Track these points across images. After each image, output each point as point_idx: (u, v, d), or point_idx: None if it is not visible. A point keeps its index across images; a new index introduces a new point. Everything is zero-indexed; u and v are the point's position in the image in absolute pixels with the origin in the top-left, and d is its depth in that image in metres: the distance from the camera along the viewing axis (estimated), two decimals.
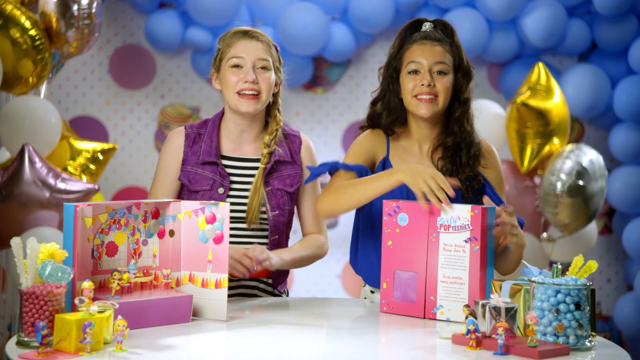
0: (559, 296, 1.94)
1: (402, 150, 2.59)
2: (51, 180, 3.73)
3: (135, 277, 2.18)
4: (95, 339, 1.83)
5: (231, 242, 2.59)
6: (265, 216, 2.61)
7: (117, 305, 1.93)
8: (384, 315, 2.33)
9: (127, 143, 5.05)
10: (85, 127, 4.95)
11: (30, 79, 3.82)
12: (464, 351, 1.93)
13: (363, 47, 5.09)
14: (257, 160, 2.64)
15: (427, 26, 2.58)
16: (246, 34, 2.62)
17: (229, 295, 2.58)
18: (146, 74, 5.08)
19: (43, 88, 4.07)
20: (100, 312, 1.86)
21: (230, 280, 2.60)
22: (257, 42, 2.61)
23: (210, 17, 4.70)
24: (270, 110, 2.69)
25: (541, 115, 4.29)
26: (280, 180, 2.63)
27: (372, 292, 2.61)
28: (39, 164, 3.72)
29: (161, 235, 2.26)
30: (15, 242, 1.94)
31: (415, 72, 2.52)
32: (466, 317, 1.95)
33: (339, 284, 5.13)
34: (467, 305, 1.96)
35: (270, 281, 2.65)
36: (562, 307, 1.93)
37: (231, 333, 2.09)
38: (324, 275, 5.05)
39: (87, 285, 1.90)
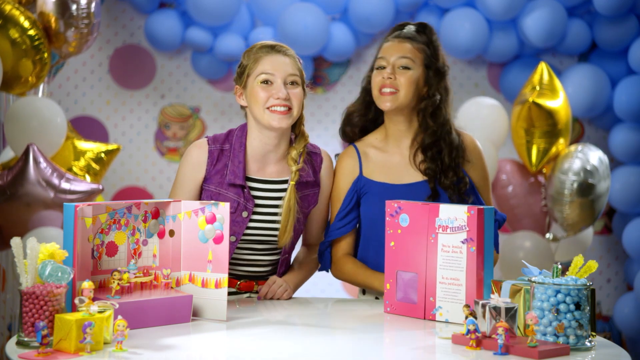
0: (559, 296, 1.94)
1: (379, 162, 2.65)
2: (55, 181, 3.73)
3: (135, 277, 2.18)
4: (95, 339, 1.83)
5: (242, 260, 2.60)
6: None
7: (117, 305, 1.93)
8: (383, 315, 2.33)
9: (127, 143, 5.04)
10: (85, 127, 4.95)
11: (30, 79, 3.82)
12: (464, 351, 1.93)
13: (363, 47, 5.09)
14: (281, 182, 2.59)
15: (408, 28, 2.67)
16: (273, 49, 2.56)
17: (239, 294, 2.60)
18: (146, 74, 5.08)
19: (41, 88, 4.07)
20: (100, 312, 1.87)
21: (238, 293, 2.60)
22: (285, 57, 2.56)
23: (210, 17, 4.70)
24: (295, 126, 2.63)
25: (550, 115, 4.31)
26: (299, 202, 2.60)
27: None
28: (43, 164, 3.72)
29: (161, 235, 2.26)
30: (15, 242, 1.94)
31: (382, 67, 2.62)
32: (466, 317, 1.95)
33: (339, 284, 5.13)
34: (467, 305, 1.96)
35: None
36: (562, 307, 1.93)
37: (231, 333, 2.09)
38: (324, 275, 5.04)
39: (87, 285, 1.90)
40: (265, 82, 2.53)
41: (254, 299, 2.56)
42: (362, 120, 2.72)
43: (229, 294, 2.56)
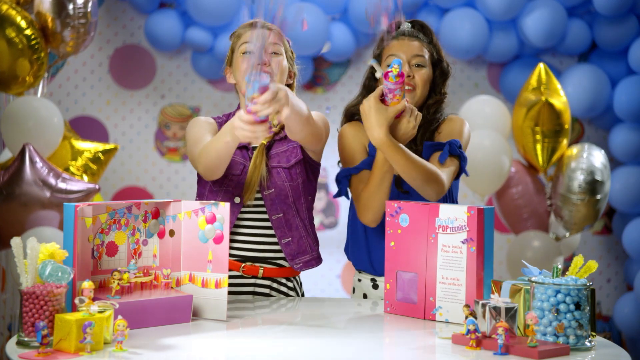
0: (559, 296, 1.94)
1: None
2: (52, 180, 3.73)
3: (135, 277, 2.18)
4: (95, 339, 1.83)
5: (244, 233, 2.60)
6: (259, 195, 2.59)
7: (117, 305, 1.93)
8: (383, 315, 2.33)
9: (127, 143, 5.05)
10: (86, 127, 4.95)
11: (27, 79, 3.82)
12: (464, 351, 1.93)
13: (363, 47, 5.10)
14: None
15: (405, 26, 2.66)
16: (254, 25, 2.60)
17: (242, 293, 2.59)
18: (146, 74, 5.08)
19: (40, 88, 4.07)
20: (100, 312, 1.87)
21: (243, 277, 2.60)
22: (266, 30, 2.60)
23: (210, 17, 4.70)
24: None
25: (558, 115, 4.33)
26: (276, 158, 2.61)
27: (359, 280, 2.68)
28: (39, 164, 3.73)
29: (161, 235, 2.26)
30: (15, 242, 1.94)
31: None
32: (466, 317, 1.95)
33: (339, 284, 5.13)
34: (467, 305, 1.96)
35: (283, 280, 2.65)
36: (562, 307, 1.93)
37: (231, 333, 2.09)
38: (324, 275, 5.05)
39: (87, 285, 1.90)
40: (247, 52, 2.59)
41: (253, 300, 2.57)
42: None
43: (232, 277, 2.57)
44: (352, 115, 2.72)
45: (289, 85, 2.68)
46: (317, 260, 2.67)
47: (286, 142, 2.64)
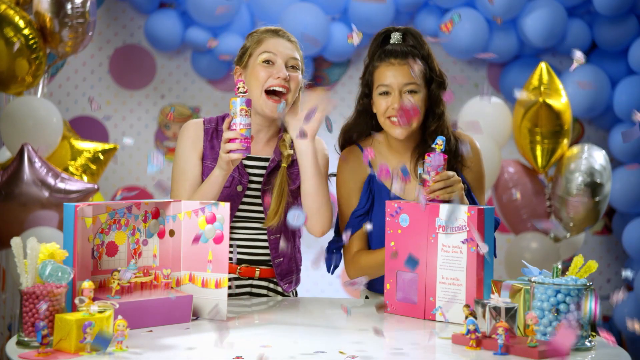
0: (559, 296, 1.94)
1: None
2: (50, 180, 3.73)
3: (135, 277, 2.18)
4: None
5: (239, 240, 2.59)
6: (261, 204, 2.59)
7: (117, 305, 1.93)
8: (383, 315, 2.33)
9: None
10: (85, 127, 4.95)
11: (26, 78, 3.82)
12: (464, 351, 1.93)
13: (363, 47, 5.09)
14: (267, 160, 2.61)
15: (395, 37, 2.57)
16: (277, 33, 2.60)
17: (239, 294, 2.59)
18: (146, 74, 5.08)
19: (40, 88, 4.07)
20: (100, 312, 1.87)
21: (240, 279, 2.60)
22: (288, 42, 2.59)
23: (210, 17, 4.70)
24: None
25: (558, 115, 4.32)
26: (289, 182, 2.60)
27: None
28: (38, 164, 3.73)
29: (161, 235, 2.26)
30: (15, 242, 1.94)
31: (386, 93, 2.52)
32: (466, 317, 1.95)
33: (339, 284, 5.13)
34: (467, 305, 1.96)
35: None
36: (562, 307, 1.93)
37: (231, 333, 2.09)
38: (324, 275, 5.04)
39: (87, 285, 1.90)
40: (267, 62, 2.56)
41: (251, 299, 2.57)
42: (362, 136, 2.65)
43: (230, 279, 2.57)
44: (350, 137, 2.66)
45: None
46: (297, 281, 2.71)
47: (295, 165, 2.61)
